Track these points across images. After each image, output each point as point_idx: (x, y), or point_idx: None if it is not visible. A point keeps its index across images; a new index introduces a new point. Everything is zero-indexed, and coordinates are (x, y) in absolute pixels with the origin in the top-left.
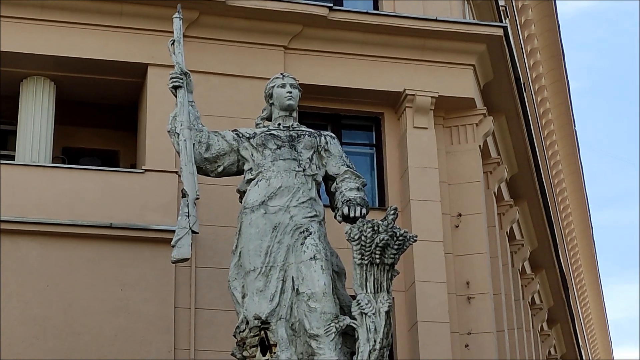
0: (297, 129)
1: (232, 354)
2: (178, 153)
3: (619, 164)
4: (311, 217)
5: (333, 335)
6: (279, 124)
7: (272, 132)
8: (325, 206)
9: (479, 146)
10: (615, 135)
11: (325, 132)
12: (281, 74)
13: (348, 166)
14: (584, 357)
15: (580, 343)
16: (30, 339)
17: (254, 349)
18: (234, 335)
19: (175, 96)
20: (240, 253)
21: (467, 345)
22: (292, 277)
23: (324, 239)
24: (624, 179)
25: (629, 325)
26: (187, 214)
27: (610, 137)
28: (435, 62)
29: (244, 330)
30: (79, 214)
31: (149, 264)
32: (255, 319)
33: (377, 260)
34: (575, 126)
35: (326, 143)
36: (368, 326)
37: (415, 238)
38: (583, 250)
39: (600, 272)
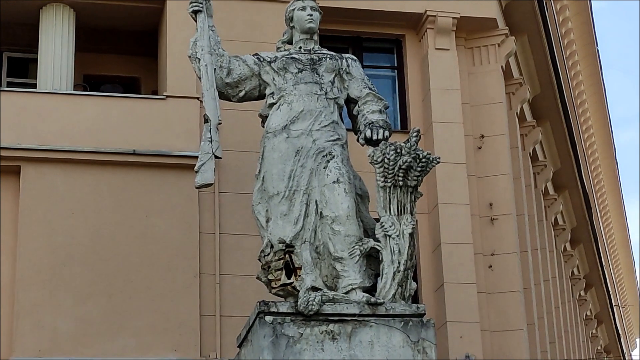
0: (318, 52)
1: (257, 278)
2: (199, 78)
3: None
4: (334, 140)
5: (357, 257)
6: (300, 48)
7: (293, 55)
8: (347, 129)
9: (501, 67)
10: (636, 54)
11: (347, 55)
12: None
13: (370, 89)
14: (607, 277)
15: (603, 263)
16: (57, 266)
17: (279, 272)
18: (259, 259)
19: (195, 21)
20: (263, 177)
21: (491, 266)
22: (316, 201)
23: (346, 162)
24: None
25: None
26: (209, 139)
27: (632, 55)
28: None
29: (268, 254)
30: (102, 141)
31: (173, 190)
32: (279, 243)
33: (400, 183)
34: (597, 46)
35: (348, 66)
36: (392, 248)
37: (438, 160)
38: (606, 170)
39: (623, 191)
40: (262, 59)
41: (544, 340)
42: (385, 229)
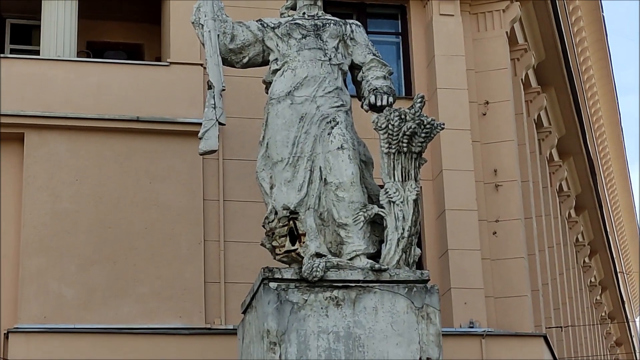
0: (322, 17)
1: (262, 244)
2: (203, 45)
3: None
4: (338, 106)
5: (361, 223)
6: (304, 13)
7: (297, 21)
8: (351, 96)
9: (506, 33)
10: None
11: (351, 21)
12: None
13: (374, 54)
14: (611, 244)
15: (608, 229)
16: (62, 233)
17: (283, 238)
18: (263, 226)
19: None
20: (267, 144)
21: (495, 233)
22: (320, 167)
23: (351, 129)
24: None
25: None
26: (213, 106)
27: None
28: None
29: (272, 221)
30: (106, 108)
31: (177, 156)
32: (284, 209)
33: (405, 149)
34: (602, 11)
35: (352, 32)
36: (396, 214)
37: (442, 126)
38: (611, 136)
39: (627, 158)
40: (265, 25)
41: (548, 307)
42: (390, 195)
